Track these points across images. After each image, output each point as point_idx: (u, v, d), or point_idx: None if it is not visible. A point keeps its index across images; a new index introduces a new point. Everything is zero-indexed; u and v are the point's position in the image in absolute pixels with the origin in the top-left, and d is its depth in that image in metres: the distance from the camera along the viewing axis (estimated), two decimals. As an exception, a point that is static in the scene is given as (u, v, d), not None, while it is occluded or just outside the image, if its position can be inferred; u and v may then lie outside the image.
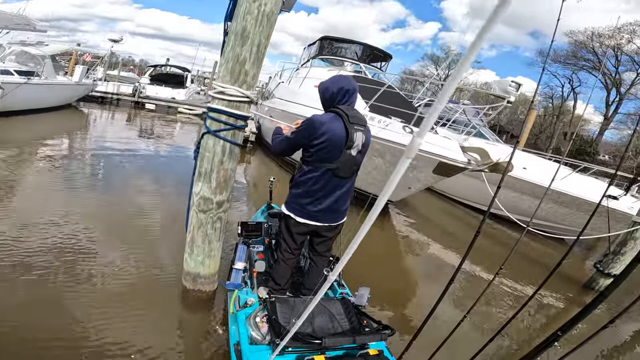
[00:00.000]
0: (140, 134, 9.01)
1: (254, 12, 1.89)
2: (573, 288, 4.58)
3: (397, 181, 0.60)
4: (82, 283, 2.42)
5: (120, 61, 20.84)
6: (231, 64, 1.98)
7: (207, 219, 2.28)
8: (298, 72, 8.50)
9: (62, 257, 2.66)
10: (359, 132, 1.87)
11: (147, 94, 14.01)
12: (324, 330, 1.75)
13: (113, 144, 7.00)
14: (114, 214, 3.65)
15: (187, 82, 16.30)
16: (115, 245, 2.98)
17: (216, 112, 2.05)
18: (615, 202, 5.47)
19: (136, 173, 5.33)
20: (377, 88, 4.95)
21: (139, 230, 3.41)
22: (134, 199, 4.22)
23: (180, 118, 13.60)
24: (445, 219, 7.32)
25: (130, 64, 35.27)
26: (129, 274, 2.65)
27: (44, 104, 8.52)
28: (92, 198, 3.96)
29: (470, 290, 3.80)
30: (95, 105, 12.18)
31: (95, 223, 3.29)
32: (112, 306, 2.26)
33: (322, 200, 1.95)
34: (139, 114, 12.64)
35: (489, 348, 1.65)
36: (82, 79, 10.10)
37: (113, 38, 11.64)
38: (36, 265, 2.49)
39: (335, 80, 1.94)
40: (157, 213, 3.89)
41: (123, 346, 1.97)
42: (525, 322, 3.38)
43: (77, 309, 2.16)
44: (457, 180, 6.09)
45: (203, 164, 2.17)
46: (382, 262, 4.14)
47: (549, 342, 1.32)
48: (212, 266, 2.45)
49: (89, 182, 4.55)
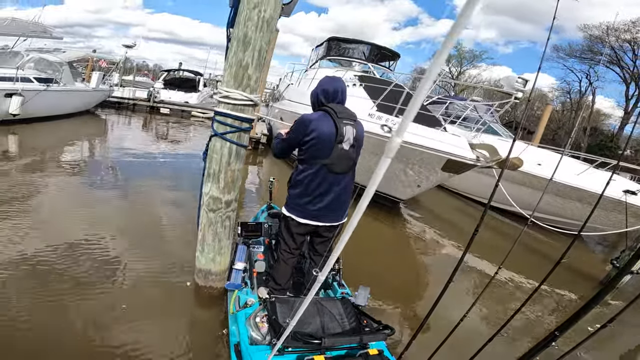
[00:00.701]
0: (157, 138, 9.28)
1: (254, 19, 1.97)
2: (590, 285, 4.51)
3: (379, 181, 0.61)
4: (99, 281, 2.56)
5: (134, 66, 21.38)
6: (235, 69, 2.07)
7: (216, 218, 2.37)
8: (307, 73, 8.57)
9: (80, 256, 2.81)
10: (349, 126, 1.94)
11: (161, 99, 14.36)
12: (323, 330, 1.75)
13: (132, 148, 7.25)
14: (133, 216, 3.83)
15: (200, 86, 16.60)
16: (133, 245, 3.12)
17: (222, 116, 2.14)
18: (633, 197, 5.34)
19: (154, 175, 5.52)
20: (385, 87, 4.98)
21: (156, 233, 3.54)
22: (152, 202, 4.39)
23: (193, 121, 13.90)
24: (457, 216, 7.27)
25: (144, 69, 36.07)
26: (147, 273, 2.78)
27: (63, 110, 8.80)
28: (111, 200, 4.15)
29: (474, 287, 3.81)
30: (113, 111, 12.58)
31: (114, 225, 3.45)
32: (132, 305, 2.38)
33: (321, 198, 1.99)
34: (154, 118, 13.01)
35: (490, 346, 1.63)
36: (99, 85, 10.39)
37: (127, 44, 11.96)
38: (58, 263, 2.64)
39: (321, 83, 2.06)
40: (172, 214, 4.05)
41: (136, 342, 2.07)
42: (536, 320, 3.35)
43: (90, 307, 2.29)
44: (468, 177, 6.06)
45: (212, 165, 2.27)
46: (389, 260, 4.16)
47: (547, 343, 1.29)
48: (222, 263, 2.55)
49: (107, 185, 4.76)
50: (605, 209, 5.38)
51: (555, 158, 6.93)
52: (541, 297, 3.84)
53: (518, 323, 3.18)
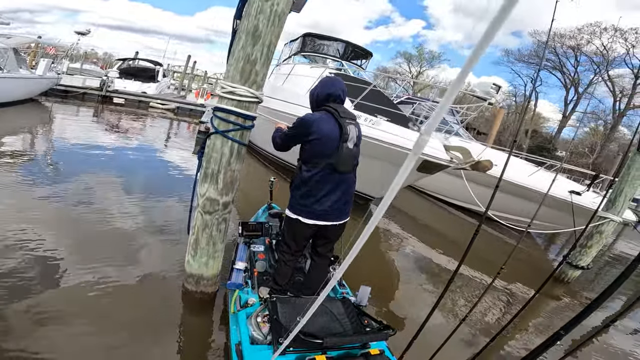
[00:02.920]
0: (108, 129, 8.51)
1: (267, 12, 1.87)
2: (541, 280, 4.90)
3: (405, 177, 0.63)
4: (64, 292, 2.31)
5: (82, 54, 19.65)
6: (242, 64, 1.96)
7: (212, 221, 2.24)
8: (279, 68, 8.42)
9: (29, 261, 2.52)
10: (351, 125, 1.96)
11: (115, 88, 13.33)
12: (325, 330, 1.74)
13: (78, 139, 6.56)
14: (79, 216, 3.47)
15: (159, 76, 15.68)
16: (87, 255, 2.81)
17: (225, 112, 2.02)
18: (578, 197, 5.88)
19: (103, 171, 4.96)
20: (360, 86, 5.03)
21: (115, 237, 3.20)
22: (102, 201, 3.99)
23: (152, 112, 13.08)
24: (432, 218, 7.57)
25: (93, 57, 33.29)
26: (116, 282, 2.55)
27: (6, 98, 7.98)
28: (51, 196, 3.69)
29: (468, 290, 3.95)
30: (59, 100, 11.44)
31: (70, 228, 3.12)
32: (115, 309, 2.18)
33: (327, 198, 1.97)
34: (106, 108, 12.01)
35: (491, 346, 1.69)
36: (46, 73, 9.49)
37: (80, 31, 10.94)
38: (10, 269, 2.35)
39: (324, 84, 2.05)
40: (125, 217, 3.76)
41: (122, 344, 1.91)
42: (493, 311, 3.56)
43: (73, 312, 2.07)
44: (436, 178, 6.33)
45: (210, 165, 2.14)
46: (382, 263, 4.21)
47: (552, 342, 1.30)
48: (215, 267, 2.42)
49: (49, 180, 4.16)
50: (555, 208, 5.86)
51: (505, 158, 7.45)
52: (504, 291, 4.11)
53: (521, 324, 3.34)
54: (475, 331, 2.97)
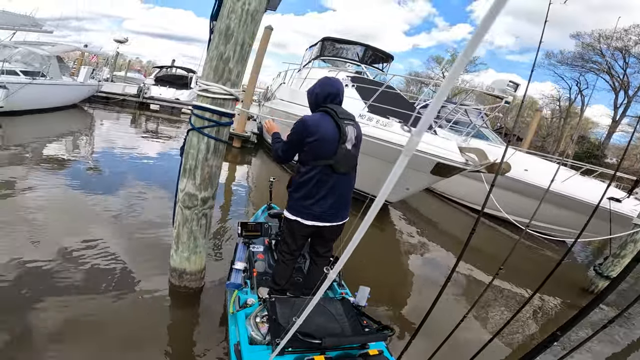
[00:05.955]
0: (144, 134, 9.08)
1: (238, 11, 1.91)
2: (572, 291, 4.52)
3: (396, 179, 0.61)
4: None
5: (127, 62, 21.10)
6: (215, 62, 2.00)
7: (192, 215, 2.29)
8: (299, 72, 8.52)
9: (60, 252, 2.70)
10: (350, 126, 1.94)
11: (151, 95, 14.16)
12: (323, 330, 1.72)
13: (116, 143, 7.07)
14: (110, 212, 3.69)
15: (192, 83, 16.43)
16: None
17: (200, 110, 2.07)
18: (618, 204, 5.38)
19: (136, 173, 5.37)
20: (377, 89, 4.96)
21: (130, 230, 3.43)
22: (129, 198, 4.26)
23: (184, 118, 13.73)
24: (445, 220, 7.27)
25: (137, 65, 35.68)
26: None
27: (48, 104, 8.64)
28: (91, 198, 4.01)
29: (470, 291, 3.79)
30: (100, 106, 12.35)
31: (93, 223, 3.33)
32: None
33: (326, 199, 1.95)
34: (143, 114, 12.80)
35: (488, 348, 1.62)
36: (87, 80, 10.23)
37: (118, 39, 11.72)
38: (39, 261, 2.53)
39: (321, 84, 2.03)
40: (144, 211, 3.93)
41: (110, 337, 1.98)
42: (524, 324, 3.35)
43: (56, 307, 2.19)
44: (456, 181, 6.06)
45: (188, 161, 2.19)
46: (382, 263, 4.11)
47: (549, 342, 1.27)
48: (197, 263, 2.47)
49: (89, 183, 4.58)
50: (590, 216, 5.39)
51: (543, 165, 6.97)
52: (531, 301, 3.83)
53: (514, 325, 3.20)
54: (478, 334, 2.86)
